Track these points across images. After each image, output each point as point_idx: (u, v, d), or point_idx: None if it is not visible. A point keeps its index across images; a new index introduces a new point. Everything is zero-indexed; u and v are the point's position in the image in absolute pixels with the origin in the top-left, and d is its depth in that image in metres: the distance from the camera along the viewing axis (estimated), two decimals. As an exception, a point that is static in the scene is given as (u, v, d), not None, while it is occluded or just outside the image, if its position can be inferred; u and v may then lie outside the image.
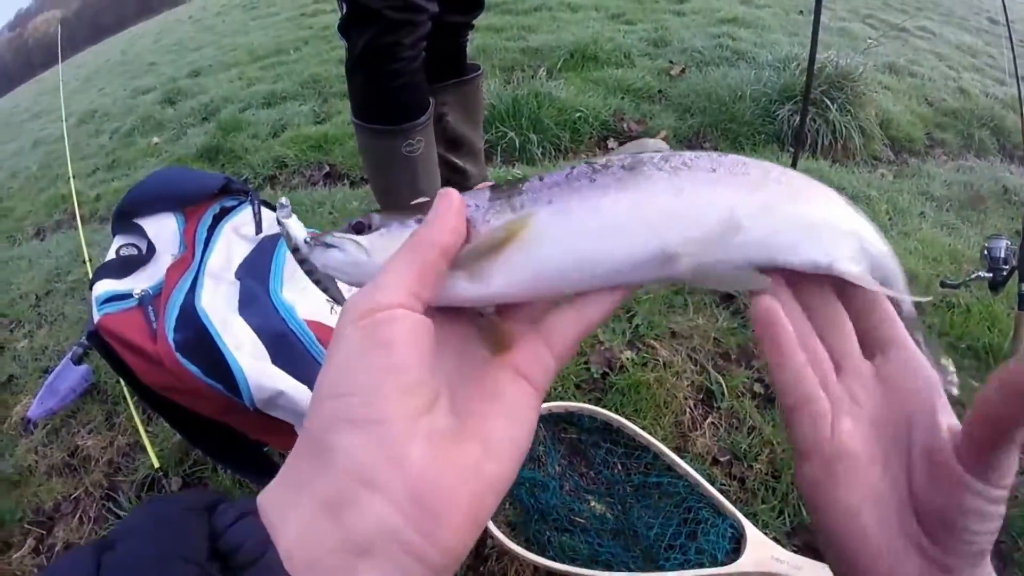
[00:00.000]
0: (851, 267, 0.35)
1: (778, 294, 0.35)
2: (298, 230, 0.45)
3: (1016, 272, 1.40)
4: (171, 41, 8.91)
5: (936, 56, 4.85)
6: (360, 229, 0.39)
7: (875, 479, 0.32)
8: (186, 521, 0.26)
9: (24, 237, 3.19)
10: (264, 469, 1.11)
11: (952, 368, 0.36)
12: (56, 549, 1.26)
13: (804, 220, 0.36)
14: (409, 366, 0.28)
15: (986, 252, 1.43)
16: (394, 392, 0.28)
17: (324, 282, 0.47)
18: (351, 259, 0.37)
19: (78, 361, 1.65)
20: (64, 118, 2.35)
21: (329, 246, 0.38)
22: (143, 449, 1.37)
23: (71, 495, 1.36)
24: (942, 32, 5.76)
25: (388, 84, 1.37)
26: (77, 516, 1.31)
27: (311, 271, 0.44)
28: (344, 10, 1.31)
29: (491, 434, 0.30)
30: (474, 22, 1.65)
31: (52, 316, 2.05)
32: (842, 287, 0.36)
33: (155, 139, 3.92)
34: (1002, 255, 1.41)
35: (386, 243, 0.37)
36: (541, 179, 0.37)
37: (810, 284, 0.37)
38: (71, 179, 1.75)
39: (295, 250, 0.44)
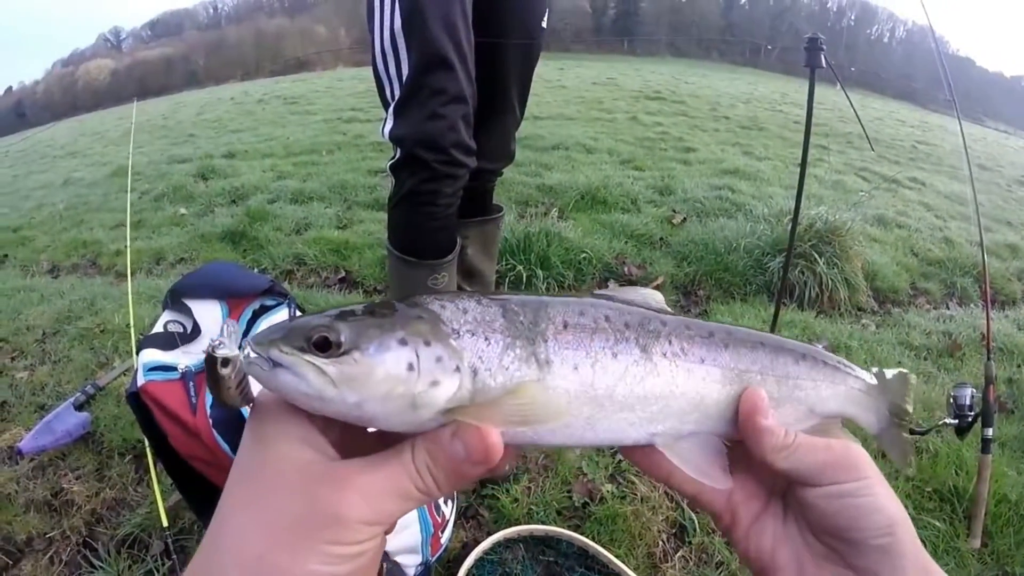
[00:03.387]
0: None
1: None
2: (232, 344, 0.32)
3: (980, 418, 1.48)
4: (212, 117, 9.44)
5: (924, 207, 5.12)
6: (324, 346, 0.30)
7: (773, 523, 0.42)
8: None
9: (38, 270, 3.29)
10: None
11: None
12: (21, 583, 1.33)
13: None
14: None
15: (952, 400, 1.50)
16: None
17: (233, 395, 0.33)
18: (313, 391, 0.29)
19: (79, 407, 1.77)
20: (130, 188, 2.55)
21: (277, 365, 0.30)
22: (130, 507, 1.47)
23: (46, 534, 1.42)
24: (932, 182, 6.09)
25: (425, 224, 1.55)
26: (48, 555, 1.37)
27: (219, 381, 0.32)
28: (397, 154, 1.48)
29: None
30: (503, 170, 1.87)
31: (57, 356, 2.15)
32: None
33: (182, 210, 4.10)
34: (967, 402, 1.47)
35: (362, 373, 0.29)
36: (565, 325, 0.35)
37: None
38: (127, 244, 1.93)
39: (223, 362, 0.31)
